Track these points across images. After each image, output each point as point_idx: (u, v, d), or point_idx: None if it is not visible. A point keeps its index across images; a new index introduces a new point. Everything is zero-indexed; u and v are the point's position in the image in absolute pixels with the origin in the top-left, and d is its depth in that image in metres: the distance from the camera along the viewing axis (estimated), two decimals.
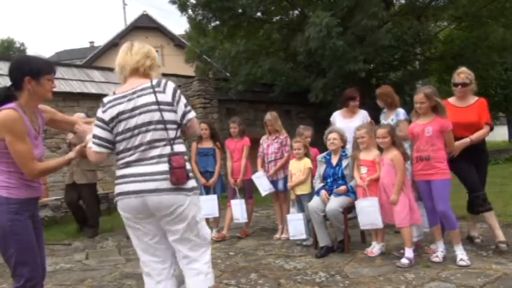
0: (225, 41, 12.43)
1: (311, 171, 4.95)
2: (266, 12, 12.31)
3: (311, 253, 4.63)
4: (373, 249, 4.40)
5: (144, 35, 18.89)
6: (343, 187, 4.55)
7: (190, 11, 11.68)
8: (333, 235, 4.69)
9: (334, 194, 4.56)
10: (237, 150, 5.69)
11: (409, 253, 3.97)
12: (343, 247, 4.57)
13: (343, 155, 4.71)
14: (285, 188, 5.33)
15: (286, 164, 5.34)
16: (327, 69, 10.68)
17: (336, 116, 5.49)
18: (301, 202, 4.98)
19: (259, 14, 12.31)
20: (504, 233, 4.17)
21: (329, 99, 10.46)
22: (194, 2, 11.44)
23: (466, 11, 11.50)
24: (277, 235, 5.47)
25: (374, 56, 10.64)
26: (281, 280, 3.80)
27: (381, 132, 4.18)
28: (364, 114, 5.38)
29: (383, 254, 4.36)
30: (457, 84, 4.20)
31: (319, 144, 5.34)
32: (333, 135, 4.73)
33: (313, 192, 4.83)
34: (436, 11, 12.16)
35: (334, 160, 4.72)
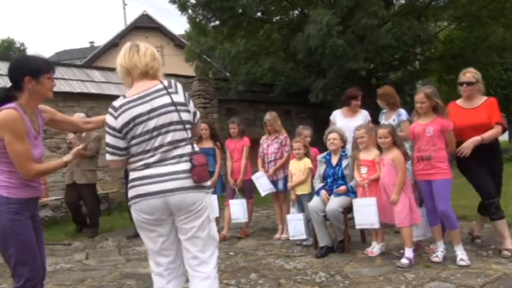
0: (225, 41, 12.42)
1: (311, 171, 4.95)
2: (266, 12, 12.30)
3: (311, 253, 4.63)
4: (373, 249, 4.40)
5: (144, 35, 18.87)
6: (343, 187, 4.55)
7: (190, 10, 11.68)
8: (333, 235, 4.69)
9: (334, 194, 4.56)
10: (236, 150, 5.69)
11: (409, 253, 3.97)
12: (343, 247, 4.57)
13: (343, 155, 4.71)
14: (285, 188, 5.33)
15: (286, 164, 5.34)
16: (327, 69, 10.68)
17: (336, 115, 5.40)
18: (301, 202, 4.98)
19: (259, 14, 12.31)
20: None
21: (329, 100, 10.45)
22: (194, 1, 11.44)
23: (466, 11, 11.50)
24: (277, 235, 5.48)
25: (374, 55, 10.64)
26: (281, 280, 3.80)
27: (382, 132, 4.18)
28: (365, 114, 5.32)
29: (383, 254, 4.36)
30: (462, 83, 4.08)
31: (319, 144, 5.33)
32: (333, 135, 4.72)
33: (313, 192, 4.83)
34: (436, 11, 12.16)
35: (334, 160, 4.72)
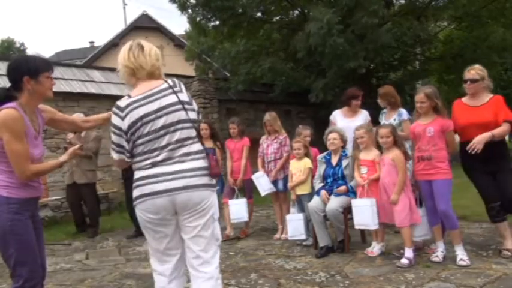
0: (225, 40, 12.43)
1: (311, 171, 4.95)
2: (266, 12, 12.30)
3: (311, 253, 4.63)
4: (373, 249, 4.40)
5: (144, 35, 18.85)
6: (343, 187, 4.55)
7: (190, 10, 11.67)
8: (333, 235, 4.69)
9: (334, 194, 4.56)
10: (236, 150, 5.69)
11: (409, 253, 3.97)
12: (343, 247, 4.57)
13: (343, 155, 4.71)
14: (285, 188, 5.33)
15: (286, 164, 5.34)
16: (327, 69, 10.68)
17: (336, 115, 5.38)
18: (301, 202, 4.98)
19: (259, 14, 12.31)
20: None
21: (329, 99, 10.46)
22: (194, 1, 11.44)
23: (466, 11, 11.51)
24: (277, 235, 5.47)
25: (374, 55, 10.63)
26: (281, 280, 3.80)
27: (384, 131, 4.17)
28: (365, 114, 5.31)
29: (383, 254, 4.36)
30: (466, 81, 4.00)
31: (319, 144, 5.33)
32: (333, 135, 4.72)
33: (313, 192, 4.83)
34: (436, 11, 12.17)
35: (334, 160, 4.72)
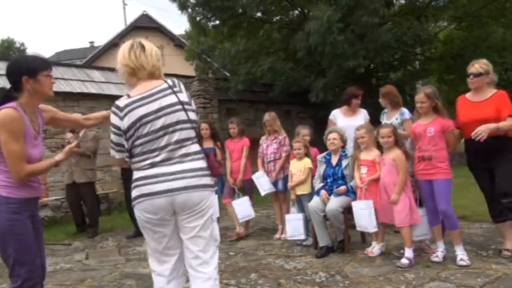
0: (225, 40, 12.43)
1: (311, 171, 4.95)
2: (266, 12, 12.30)
3: (311, 253, 4.63)
4: (373, 249, 4.40)
5: (144, 35, 18.82)
6: (343, 187, 4.55)
7: (190, 10, 11.66)
8: (333, 235, 4.69)
9: (334, 194, 4.56)
10: (236, 150, 5.69)
11: (409, 253, 3.97)
12: (343, 247, 4.57)
13: (343, 155, 4.71)
14: (285, 188, 5.33)
15: (286, 164, 5.34)
16: (327, 69, 10.67)
17: (336, 114, 5.38)
18: (301, 202, 4.98)
19: (259, 13, 12.31)
20: None
21: (329, 99, 10.45)
22: (194, 1, 11.42)
23: (466, 11, 11.50)
24: (277, 235, 5.47)
25: (374, 55, 10.62)
26: (281, 280, 3.80)
27: (385, 131, 4.17)
28: (365, 113, 5.34)
29: (383, 254, 4.36)
30: (469, 75, 3.87)
31: (319, 144, 5.33)
32: (333, 135, 4.72)
33: (313, 192, 4.83)
34: (436, 11, 12.16)
35: (334, 160, 4.72)
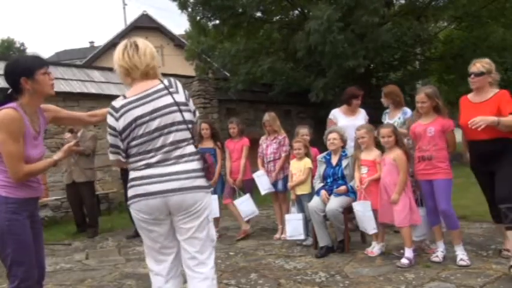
0: (225, 40, 12.42)
1: (311, 171, 4.95)
2: (266, 12, 12.30)
3: (311, 253, 4.62)
4: (373, 249, 4.40)
5: (144, 35, 18.77)
6: (343, 187, 4.55)
7: (190, 9, 11.66)
8: (333, 235, 4.69)
9: (334, 194, 4.56)
10: (236, 150, 5.69)
11: (409, 253, 3.97)
12: (343, 247, 4.57)
13: (343, 155, 4.70)
14: (285, 188, 5.33)
15: (285, 164, 5.34)
16: (327, 69, 10.66)
17: (337, 114, 5.36)
18: (301, 202, 4.98)
19: (259, 13, 12.31)
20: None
21: (330, 99, 10.45)
22: (194, 0, 11.43)
23: (466, 11, 11.50)
24: (277, 235, 5.47)
25: (374, 55, 10.62)
26: (281, 280, 3.80)
27: (385, 131, 4.16)
28: (364, 113, 5.36)
29: (383, 254, 4.36)
30: (470, 74, 3.71)
31: (319, 144, 5.33)
32: (333, 135, 4.72)
33: (313, 192, 4.83)
34: (436, 11, 12.16)
35: (334, 160, 4.72)
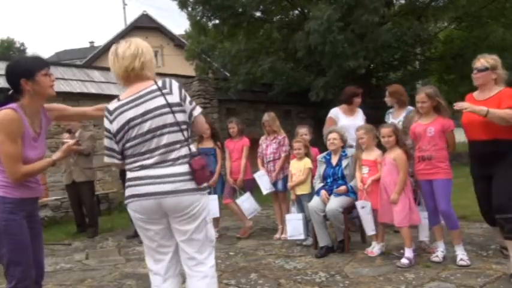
0: (225, 40, 12.43)
1: (311, 171, 4.95)
2: (266, 11, 12.31)
3: (311, 253, 4.62)
4: (373, 249, 4.40)
5: (144, 35, 18.86)
6: (343, 187, 4.55)
7: (190, 8, 11.66)
8: (333, 235, 4.69)
9: (334, 194, 4.56)
10: (236, 150, 5.69)
11: (409, 253, 3.97)
12: (343, 247, 4.57)
13: (343, 155, 4.70)
14: (284, 188, 5.32)
15: (285, 164, 5.34)
16: (327, 69, 10.67)
17: (337, 113, 5.29)
18: (301, 202, 4.98)
19: (259, 13, 12.32)
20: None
21: (330, 98, 10.44)
22: None
23: (466, 11, 11.51)
24: (277, 235, 5.47)
25: (374, 55, 10.63)
26: (281, 280, 3.80)
27: (386, 131, 4.16)
28: (362, 113, 5.35)
29: (383, 254, 4.36)
30: (474, 69, 3.59)
31: (319, 144, 5.33)
32: (333, 135, 4.71)
33: (313, 192, 4.83)
34: (436, 11, 12.17)
35: (334, 160, 4.72)
